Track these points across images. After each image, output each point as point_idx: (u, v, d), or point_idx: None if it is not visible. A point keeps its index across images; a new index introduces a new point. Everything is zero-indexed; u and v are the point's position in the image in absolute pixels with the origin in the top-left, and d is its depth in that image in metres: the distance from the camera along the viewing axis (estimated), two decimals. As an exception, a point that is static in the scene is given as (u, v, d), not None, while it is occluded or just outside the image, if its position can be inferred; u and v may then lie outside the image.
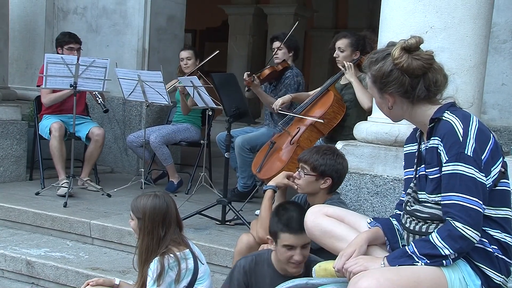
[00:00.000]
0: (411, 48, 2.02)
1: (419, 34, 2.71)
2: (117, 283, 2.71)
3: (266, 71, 4.71)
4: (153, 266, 2.45)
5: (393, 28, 3.05)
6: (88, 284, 2.66)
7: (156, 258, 2.46)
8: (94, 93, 4.86)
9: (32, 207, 4.24)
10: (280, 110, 4.26)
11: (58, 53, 5.03)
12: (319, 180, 2.76)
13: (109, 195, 4.73)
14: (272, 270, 2.56)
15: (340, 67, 4.13)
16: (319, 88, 4.30)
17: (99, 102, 4.85)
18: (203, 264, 2.61)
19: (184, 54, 5.35)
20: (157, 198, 2.55)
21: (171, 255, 2.46)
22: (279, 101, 4.32)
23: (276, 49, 4.76)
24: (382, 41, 3.05)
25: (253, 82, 4.49)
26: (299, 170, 2.81)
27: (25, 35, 6.35)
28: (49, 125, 4.85)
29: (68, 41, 5.07)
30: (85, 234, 3.98)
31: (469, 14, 2.90)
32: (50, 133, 4.83)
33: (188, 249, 2.56)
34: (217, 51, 5.04)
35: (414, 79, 2.02)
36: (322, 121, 3.89)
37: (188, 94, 5.00)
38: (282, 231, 2.45)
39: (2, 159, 5.09)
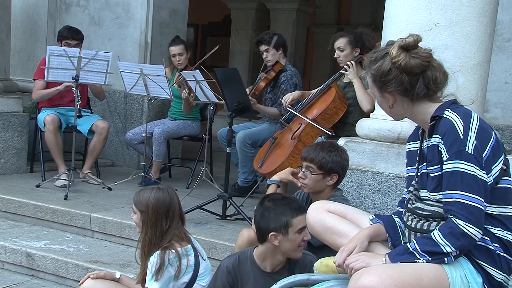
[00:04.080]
0: (409, 46, 2.03)
1: (423, 31, 2.74)
2: (118, 277, 2.70)
3: (262, 84, 4.73)
4: (153, 260, 2.44)
5: (397, 25, 3.04)
6: (89, 277, 2.66)
7: (157, 252, 2.44)
8: (74, 95, 4.59)
9: (33, 199, 4.24)
10: (288, 107, 4.20)
11: (58, 45, 5.02)
12: (326, 177, 2.76)
13: (109, 189, 4.73)
14: (255, 268, 2.54)
15: (343, 71, 4.11)
16: (322, 87, 4.31)
17: (77, 106, 4.54)
18: (204, 260, 2.60)
19: (175, 50, 5.18)
20: (160, 191, 2.54)
21: (172, 250, 2.45)
22: (289, 97, 4.25)
23: (263, 52, 4.73)
24: (386, 38, 3.04)
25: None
26: (303, 170, 2.78)
27: (27, 27, 6.33)
28: (43, 118, 4.85)
29: (65, 36, 5.05)
30: (86, 227, 3.99)
31: (474, 11, 2.89)
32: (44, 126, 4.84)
33: (190, 245, 2.55)
34: (218, 46, 4.92)
35: (412, 77, 2.02)
36: (330, 133, 3.86)
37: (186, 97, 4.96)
38: (296, 216, 2.39)
39: (3, 151, 5.08)
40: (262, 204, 2.53)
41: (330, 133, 3.88)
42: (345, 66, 4.08)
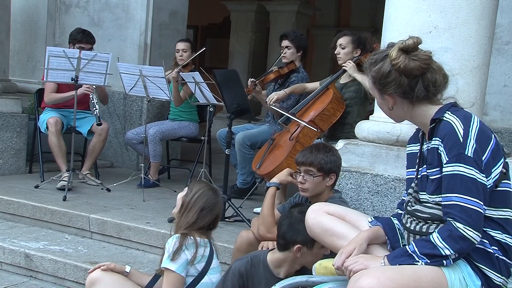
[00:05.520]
0: (409, 48, 2.03)
1: (423, 33, 2.74)
2: (128, 271, 2.71)
3: (271, 76, 4.73)
4: (171, 241, 2.49)
5: (397, 27, 3.04)
6: (99, 267, 2.66)
7: (177, 235, 2.51)
8: (92, 101, 4.68)
9: (32, 200, 4.24)
10: (272, 106, 4.26)
11: (69, 48, 5.00)
12: (325, 179, 2.76)
13: (108, 190, 4.73)
14: (268, 272, 2.55)
15: (344, 65, 4.12)
16: (318, 83, 4.32)
17: (95, 113, 4.66)
18: (217, 258, 2.65)
19: (180, 45, 5.31)
20: (211, 192, 2.60)
21: (191, 237, 2.51)
22: (274, 96, 4.31)
23: (283, 48, 4.74)
24: (386, 40, 3.04)
25: (254, 89, 4.49)
26: (301, 174, 2.77)
27: (27, 28, 6.34)
28: (46, 119, 4.85)
29: (80, 40, 5.04)
30: (84, 228, 3.98)
31: (474, 14, 2.89)
32: (47, 128, 4.83)
33: (208, 239, 2.60)
34: (204, 48, 5.20)
35: (412, 79, 2.03)
36: (316, 129, 3.91)
37: (181, 85, 5.02)
38: None
39: (2, 151, 5.08)
40: (291, 214, 2.53)
41: (316, 130, 3.91)
42: (344, 64, 4.10)
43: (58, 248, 3.72)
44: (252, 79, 4.58)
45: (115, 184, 4.84)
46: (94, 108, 4.66)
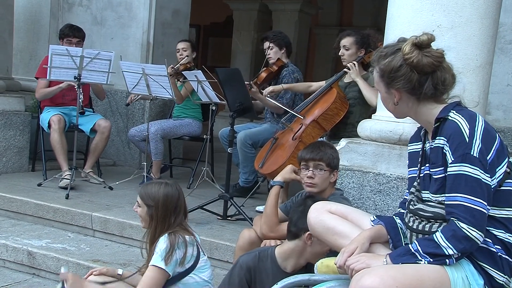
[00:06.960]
0: (422, 44, 2.01)
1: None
2: (120, 273, 2.72)
3: (263, 75, 4.76)
4: (162, 243, 2.47)
5: (400, 26, 3.04)
6: (92, 273, 2.67)
7: (166, 235, 2.48)
8: (77, 92, 4.59)
9: (34, 198, 4.25)
10: (268, 96, 4.37)
11: (60, 44, 5.04)
12: (330, 175, 2.80)
13: (111, 188, 4.74)
14: (275, 266, 2.55)
15: (346, 67, 4.12)
16: (323, 82, 4.32)
17: (79, 99, 4.58)
18: (204, 255, 2.64)
19: (180, 45, 5.38)
20: (169, 186, 2.59)
21: (180, 236, 2.50)
22: (269, 88, 4.41)
23: (266, 49, 4.78)
24: (389, 39, 3.04)
25: (250, 90, 4.50)
26: (311, 169, 2.78)
27: (30, 26, 6.35)
28: (48, 118, 4.86)
29: (67, 34, 5.07)
30: (87, 226, 3.99)
31: (477, 13, 2.89)
32: (49, 126, 4.84)
33: (193, 237, 2.59)
34: (187, 57, 5.28)
35: (422, 76, 2.01)
36: (302, 117, 3.95)
37: (182, 83, 5.04)
38: None
39: (5, 149, 5.09)
40: (305, 203, 2.56)
41: (302, 117, 3.94)
42: (348, 65, 4.09)
43: (61, 246, 3.73)
44: (246, 82, 4.61)
45: (117, 183, 4.85)
46: (79, 99, 4.58)
